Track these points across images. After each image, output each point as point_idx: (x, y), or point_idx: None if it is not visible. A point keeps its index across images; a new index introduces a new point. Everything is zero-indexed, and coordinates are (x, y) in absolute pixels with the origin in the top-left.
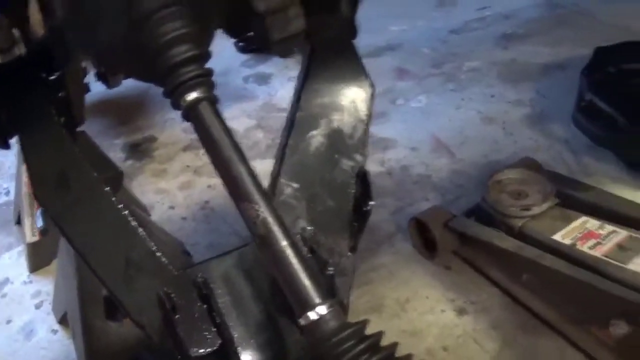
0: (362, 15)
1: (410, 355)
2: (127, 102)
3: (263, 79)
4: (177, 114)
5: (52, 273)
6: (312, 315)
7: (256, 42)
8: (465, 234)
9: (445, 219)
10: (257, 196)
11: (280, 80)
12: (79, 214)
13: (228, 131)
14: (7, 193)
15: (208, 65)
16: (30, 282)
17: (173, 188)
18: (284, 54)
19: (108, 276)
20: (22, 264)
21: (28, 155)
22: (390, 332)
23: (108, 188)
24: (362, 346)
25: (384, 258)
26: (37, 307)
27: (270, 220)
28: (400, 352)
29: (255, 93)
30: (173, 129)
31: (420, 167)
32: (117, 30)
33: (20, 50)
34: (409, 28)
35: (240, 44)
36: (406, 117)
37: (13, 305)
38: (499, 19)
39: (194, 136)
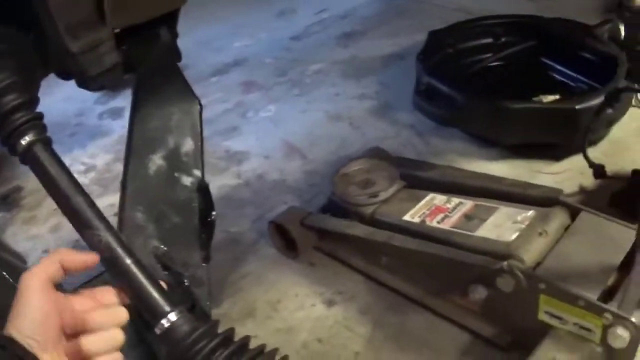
0: (207, 36)
1: (263, 345)
2: None
3: (117, 113)
4: None
5: None
6: (165, 322)
7: (76, 80)
8: (322, 228)
9: (301, 218)
10: (96, 222)
11: None
12: None
13: (64, 167)
14: None
15: (65, 107)
16: None
17: (44, 232)
18: (110, 86)
19: None
20: None
21: None
22: (266, 333)
23: None
24: (214, 342)
25: (250, 265)
26: None
27: (112, 242)
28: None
29: (111, 128)
30: None
31: (275, 173)
32: None
33: None
34: (253, 42)
35: None
36: (257, 128)
37: None
38: (337, 20)
39: None
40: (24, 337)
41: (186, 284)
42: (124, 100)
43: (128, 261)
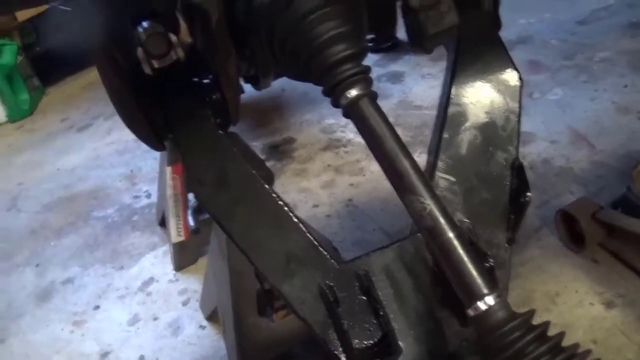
0: None
1: (577, 344)
2: (263, 105)
3: (396, 78)
4: (313, 116)
5: (198, 271)
6: (481, 305)
7: (410, 38)
8: (614, 225)
9: (593, 211)
10: (422, 189)
11: (414, 78)
12: (240, 211)
13: (390, 126)
14: (149, 196)
15: None
16: (177, 280)
17: (315, 187)
18: (431, 49)
19: (270, 271)
20: (167, 263)
21: (185, 156)
22: None
23: (267, 185)
24: (530, 336)
25: (531, 252)
26: (184, 304)
27: (437, 212)
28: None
29: (389, 91)
30: (310, 130)
31: (561, 159)
32: (272, 34)
33: (177, 54)
34: (536, 20)
35: (370, 44)
36: (543, 110)
37: (159, 302)
38: (623, 8)
39: (332, 136)
40: None
41: (491, 263)
42: (403, 65)
43: (450, 235)
